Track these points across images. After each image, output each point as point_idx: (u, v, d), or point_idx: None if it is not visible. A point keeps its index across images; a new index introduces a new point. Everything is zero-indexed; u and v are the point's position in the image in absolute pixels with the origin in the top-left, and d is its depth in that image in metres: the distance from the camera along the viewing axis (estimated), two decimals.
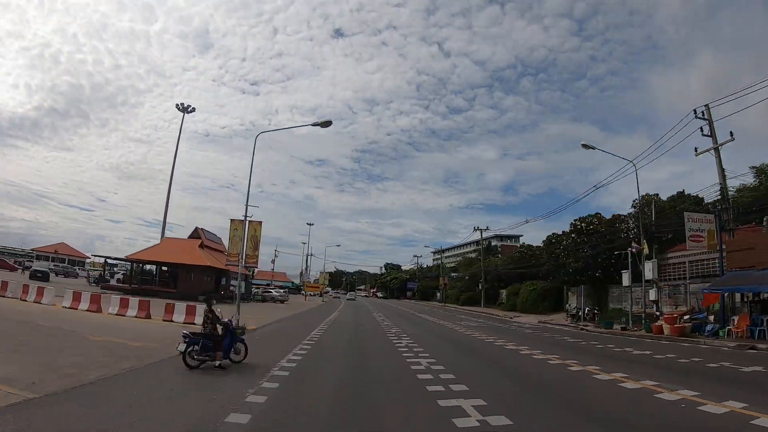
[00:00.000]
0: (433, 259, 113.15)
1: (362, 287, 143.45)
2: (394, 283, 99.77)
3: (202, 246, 45.46)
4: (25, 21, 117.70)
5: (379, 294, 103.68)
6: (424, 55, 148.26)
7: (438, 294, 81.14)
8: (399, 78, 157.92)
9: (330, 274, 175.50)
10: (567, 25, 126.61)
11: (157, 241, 45.40)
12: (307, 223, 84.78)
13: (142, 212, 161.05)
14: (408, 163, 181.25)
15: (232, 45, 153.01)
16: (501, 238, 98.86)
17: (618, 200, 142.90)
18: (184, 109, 56.10)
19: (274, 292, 46.72)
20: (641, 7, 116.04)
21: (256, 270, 56.62)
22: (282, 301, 46.34)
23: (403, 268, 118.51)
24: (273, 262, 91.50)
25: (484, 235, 69.96)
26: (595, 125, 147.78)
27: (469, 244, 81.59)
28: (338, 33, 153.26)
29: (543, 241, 40.93)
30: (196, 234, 51.21)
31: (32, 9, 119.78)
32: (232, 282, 46.43)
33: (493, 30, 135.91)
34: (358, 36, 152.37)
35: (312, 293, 67.86)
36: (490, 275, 53.66)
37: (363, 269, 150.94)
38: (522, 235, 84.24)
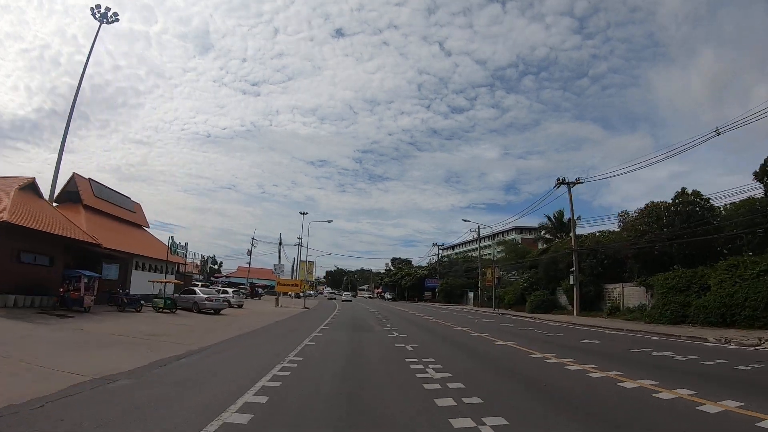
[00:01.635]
0: (442, 257, 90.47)
1: (365, 287, 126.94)
2: (406, 281, 76.93)
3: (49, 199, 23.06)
4: (25, 22, 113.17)
5: (387, 295, 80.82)
6: (425, 54, 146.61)
7: (470, 294, 58.54)
8: (400, 78, 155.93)
9: (329, 273, 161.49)
10: (568, 23, 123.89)
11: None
12: (300, 212, 68.96)
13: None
14: (409, 163, 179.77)
15: (232, 45, 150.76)
16: (521, 230, 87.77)
17: (618, 198, 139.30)
18: (102, 15, 33.53)
19: (199, 293, 23.94)
20: (642, 5, 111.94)
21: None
22: (217, 311, 23.64)
23: (413, 264, 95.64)
24: (249, 253, 69.70)
25: (506, 224, 48.99)
26: (597, 124, 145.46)
27: (509, 231, 61.30)
28: (339, 33, 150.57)
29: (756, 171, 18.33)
30: (73, 185, 28.71)
31: (32, 10, 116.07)
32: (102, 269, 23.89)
33: (493, 29, 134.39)
34: (359, 36, 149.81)
35: (290, 294, 45.15)
36: (589, 259, 31.11)
37: (365, 268, 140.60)
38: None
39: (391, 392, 6.13)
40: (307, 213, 53.86)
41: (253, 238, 70.65)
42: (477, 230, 50.11)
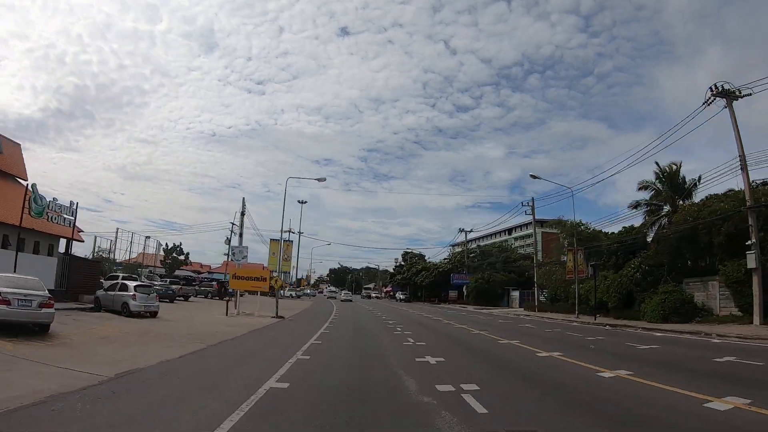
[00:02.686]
0: (472, 247, 76.52)
1: (371, 285, 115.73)
2: (422, 279, 62.83)
3: None
4: (29, 22, 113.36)
5: (400, 295, 66.80)
6: (430, 52, 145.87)
7: (514, 293, 44.74)
8: (405, 76, 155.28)
9: (333, 270, 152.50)
10: (573, 22, 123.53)
11: None
12: (299, 201, 60.91)
13: (148, 212, 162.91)
14: (414, 162, 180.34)
15: (237, 44, 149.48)
16: (542, 224, 77.04)
17: (624, 198, 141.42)
18: None
19: None
20: (648, 3, 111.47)
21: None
22: (43, 325, 9.94)
23: (426, 259, 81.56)
24: (228, 242, 57.23)
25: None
26: (603, 122, 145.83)
27: (527, 225, 47.65)
28: (344, 31, 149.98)
29: None
30: None
31: (36, 10, 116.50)
32: None
33: (498, 27, 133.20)
34: (364, 34, 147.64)
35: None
36: None
37: (371, 267, 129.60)
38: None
39: None
40: (306, 202, 50.58)
41: (232, 224, 57.27)
42: (531, 203, 36.06)
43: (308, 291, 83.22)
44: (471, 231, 55.74)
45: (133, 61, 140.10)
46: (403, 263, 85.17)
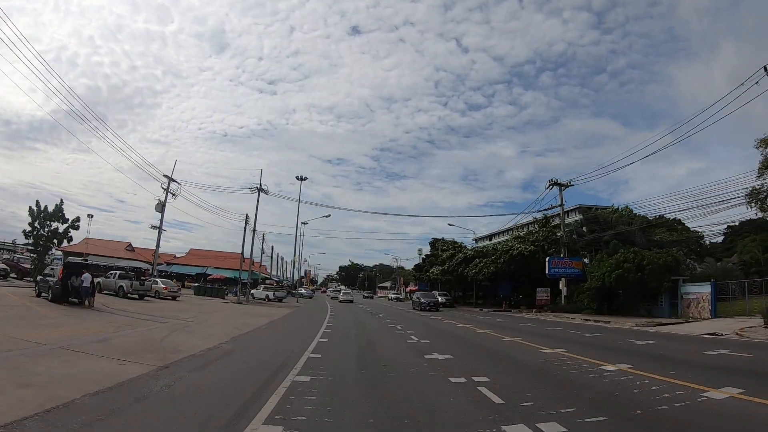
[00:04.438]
0: (516, 234, 54.50)
1: (387, 284, 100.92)
2: (479, 270, 39.14)
3: None
4: (41, 24, 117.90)
5: (440, 296, 43.88)
6: (442, 51, 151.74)
7: (697, 291, 23.59)
8: (417, 75, 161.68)
9: (343, 268, 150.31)
10: (586, 18, 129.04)
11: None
12: (297, 177, 47.01)
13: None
14: (427, 161, 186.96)
15: (248, 44, 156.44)
16: (586, 209, 70.42)
17: (636, 196, 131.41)
18: None
19: None
20: None
21: None
22: None
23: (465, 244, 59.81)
24: (160, 208, 39.54)
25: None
26: (616, 120, 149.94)
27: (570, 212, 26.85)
28: (355, 30, 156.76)
29: None
30: None
31: (48, 12, 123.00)
32: None
33: (511, 24, 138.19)
34: (375, 33, 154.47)
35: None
36: None
37: (385, 264, 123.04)
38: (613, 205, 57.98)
39: None
40: (306, 178, 45.05)
41: (170, 180, 36.16)
42: None
43: (305, 291, 63.10)
44: (570, 185, 32.89)
45: (144, 62, 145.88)
46: (432, 252, 63.76)
